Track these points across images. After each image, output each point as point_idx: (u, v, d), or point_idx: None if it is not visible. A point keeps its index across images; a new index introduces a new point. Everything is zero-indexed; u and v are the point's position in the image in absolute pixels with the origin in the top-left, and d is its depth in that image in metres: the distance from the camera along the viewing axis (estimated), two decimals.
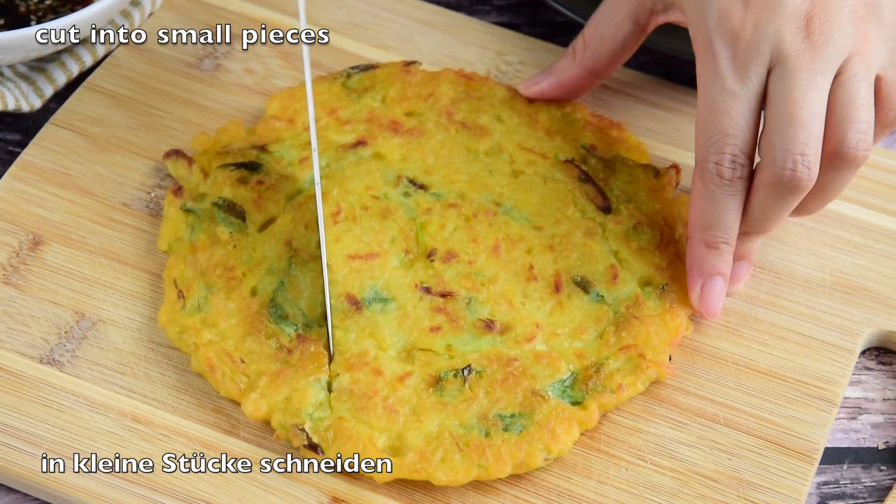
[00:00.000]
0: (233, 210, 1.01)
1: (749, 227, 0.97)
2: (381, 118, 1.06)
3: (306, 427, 0.91)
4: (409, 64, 1.10)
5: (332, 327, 0.95)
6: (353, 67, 1.09)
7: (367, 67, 1.09)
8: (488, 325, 0.95)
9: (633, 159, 1.05)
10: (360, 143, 1.04)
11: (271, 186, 1.02)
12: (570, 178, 1.04)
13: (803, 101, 0.93)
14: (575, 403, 0.93)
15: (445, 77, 1.09)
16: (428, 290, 0.97)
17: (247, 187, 1.02)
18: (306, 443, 0.90)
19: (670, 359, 0.96)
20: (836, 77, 0.94)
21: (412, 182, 1.02)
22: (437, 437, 0.90)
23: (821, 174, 0.95)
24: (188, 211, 1.01)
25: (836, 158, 0.94)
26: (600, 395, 0.93)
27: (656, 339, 0.96)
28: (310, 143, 1.04)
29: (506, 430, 0.91)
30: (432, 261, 0.98)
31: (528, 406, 0.92)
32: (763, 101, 0.95)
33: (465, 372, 0.93)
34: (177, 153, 1.04)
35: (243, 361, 0.94)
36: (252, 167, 1.03)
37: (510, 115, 1.07)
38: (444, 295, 0.97)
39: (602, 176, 1.04)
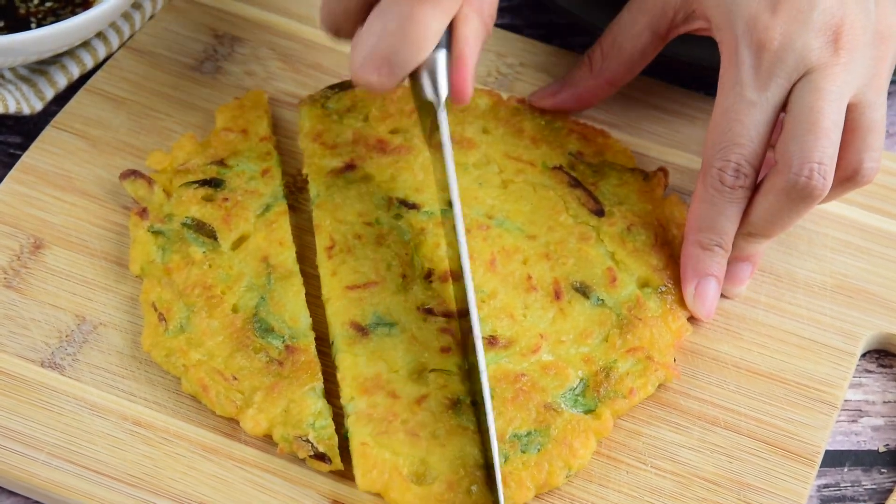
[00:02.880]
0: (203, 229, 1.00)
1: (755, 229, 0.97)
2: (367, 138, 1.05)
3: (310, 437, 0.91)
4: None
5: (339, 352, 0.95)
6: (330, 87, 1.09)
7: (345, 87, 1.09)
8: (491, 341, 0.95)
9: (621, 164, 1.05)
10: (349, 167, 1.04)
11: (238, 203, 1.01)
12: (560, 185, 1.03)
13: (826, 111, 0.93)
14: (588, 412, 0.93)
15: None
16: (430, 312, 0.96)
17: (213, 205, 1.01)
18: (312, 453, 0.90)
19: (675, 360, 0.96)
20: (854, 99, 0.95)
21: (403, 202, 1.02)
22: (461, 464, 0.90)
23: None
24: (156, 233, 1.01)
25: (848, 182, 0.97)
26: (613, 402, 0.93)
27: (661, 340, 0.96)
28: (268, 154, 1.04)
29: (524, 451, 0.91)
30: (430, 281, 0.98)
31: (543, 422, 0.92)
32: (781, 111, 0.95)
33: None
34: (134, 173, 1.03)
35: (235, 378, 0.93)
36: (215, 184, 1.02)
37: (495, 126, 1.07)
38: (447, 315, 0.96)
39: (591, 180, 1.04)
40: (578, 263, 0.99)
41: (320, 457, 0.90)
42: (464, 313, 0.93)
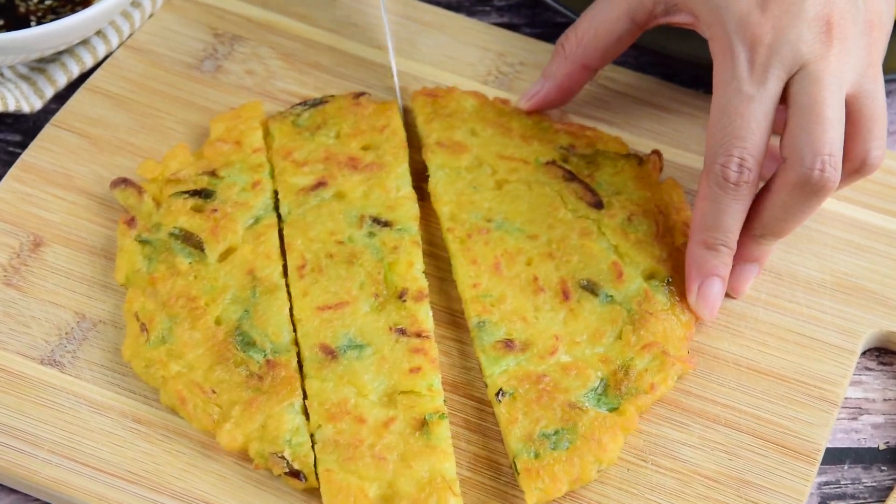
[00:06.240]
0: (190, 240, 0.99)
1: (767, 230, 0.97)
2: (338, 155, 1.04)
3: (286, 454, 0.90)
4: (358, 95, 1.08)
5: (307, 377, 0.94)
6: (301, 104, 1.08)
7: (316, 103, 1.08)
8: (508, 344, 0.95)
9: (614, 151, 1.04)
10: (320, 185, 1.03)
11: (227, 215, 1.00)
12: (555, 180, 1.03)
13: (829, 101, 0.93)
14: (611, 410, 0.92)
15: (414, 99, 1.08)
16: (403, 332, 0.95)
17: (202, 216, 1.00)
18: (287, 470, 0.89)
19: (688, 352, 0.96)
20: (852, 90, 0.95)
21: (376, 220, 1.01)
22: (429, 483, 0.89)
23: None
24: (144, 242, 1.00)
25: (856, 173, 0.97)
26: (635, 398, 0.93)
27: (673, 334, 0.96)
28: (260, 167, 1.03)
29: (554, 448, 0.90)
30: (404, 301, 0.96)
31: (569, 420, 0.91)
32: (779, 105, 0.95)
33: (499, 396, 0.92)
34: (125, 182, 1.02)
35: (214, 392, 0.92)
36: (205, 194, 1.02)
37: (483, 127, 1.06)
38: (419, 335, 0.95)
39: (586, 172, 1.04)
40: (583, 260, 0.99)
41: (295, 474, 0.89)
42: None
